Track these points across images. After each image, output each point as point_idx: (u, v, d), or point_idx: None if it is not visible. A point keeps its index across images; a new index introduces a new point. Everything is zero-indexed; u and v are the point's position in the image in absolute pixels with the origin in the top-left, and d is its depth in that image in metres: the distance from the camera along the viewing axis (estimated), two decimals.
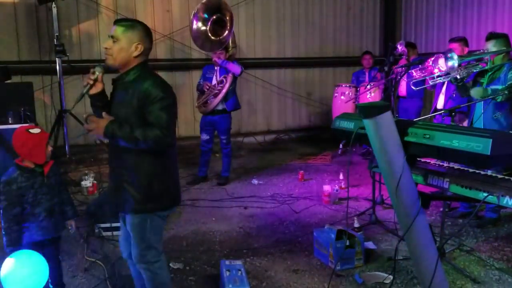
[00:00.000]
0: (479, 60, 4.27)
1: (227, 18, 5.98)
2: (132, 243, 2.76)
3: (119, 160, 2.66)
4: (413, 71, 4.64)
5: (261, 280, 3.57)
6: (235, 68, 5.93)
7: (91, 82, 2.64)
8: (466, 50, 4.88)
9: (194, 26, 6.10)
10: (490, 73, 4.28)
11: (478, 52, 4.41)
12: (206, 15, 6.07)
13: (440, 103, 5.25)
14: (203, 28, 6.11)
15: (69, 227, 3.22)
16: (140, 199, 2.63)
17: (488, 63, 4.21)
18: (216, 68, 6.05)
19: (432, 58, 4.30)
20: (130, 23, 2.67)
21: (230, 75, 5.94)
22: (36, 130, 2.91)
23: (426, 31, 9.33)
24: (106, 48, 2.62)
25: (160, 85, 2.60)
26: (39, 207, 2.92)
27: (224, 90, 5.91)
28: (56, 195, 3.04)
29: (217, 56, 5.99)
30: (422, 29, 9.46)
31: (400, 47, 6.90)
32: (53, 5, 7.15)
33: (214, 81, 6.03)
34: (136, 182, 2.63)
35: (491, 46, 4.20)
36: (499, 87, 4.09)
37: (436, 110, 5.39)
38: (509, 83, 4.04)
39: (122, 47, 2.60)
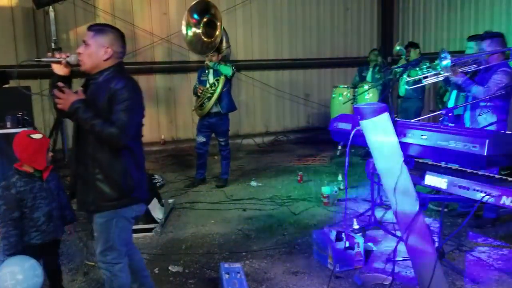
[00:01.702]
0: (474, 60, 4.30)
1: (217, 18, 5.98)
2: (96, 241, 2.78)
3: (91, 157, 2.66)
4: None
5: (261, 283, 3.56)
6: (227, 70, 5.94)
7: (58, 57, 2.67)
8: None
9: (190, 32, 6.10)
10: (481, 72, 4.33)
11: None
12: (197, 17, 6.07)
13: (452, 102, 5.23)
14: (197, 31, 6.11)
15: (68, 232, 3.22)
16: (114, 196, 2.67)
17: (483, 63, 4.25)
18: (209, 70, 6.06)
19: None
20: (100, 27, 2.72)
21: (223, 77, 5.94)
22: (37, 136, 2.92)
23: (423, 31, 9.35)
24: (78, 53, 2.67)
25: (128, 87, 2.63)
26: (38, 212, 2.91)
27: (217, 92, 5.92)
28: (55, 200, 3.04)
29: (209, 59, 6.01)
30: (419, 30, 9.47)
31: (398, 47, 6.93)
32: (51, 9, 7.17)
33: (208, 84, 6.04)
34: (110, 178, 2.65)
35: (486, 46, 4.23)
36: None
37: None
38: (488, 84, 4.12)
39: (91, 52, 2.66)
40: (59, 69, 2.70)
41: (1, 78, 6.23)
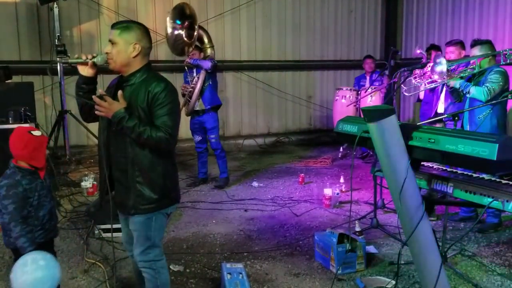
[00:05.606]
0: (468, 65, 4.43)
1: (194, 21, 5.94)
2: (135, 242, 2.76)
3: (130, 161, 2.64)
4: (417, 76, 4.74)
5: (262, 284, 3.55)
6: (206, 63, 5.90)
7: (84, 58, 2.63)
8: (463, 53, 5.11)
9: (176, 32, 6.01)
10: (476, 77, 4.45)
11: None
12: (178, 22, 6.00)
13: (441, 107, 5.29)
14: (181, 32, 6.01)
15: None
16: (155, 197, 2.67)
17: (476, 67, 4.37)
18: (193, 70, 6.05)
19: (431, 64, 4.44)
20: (125, 24, 2.68)
21: (203, 72, 5.93)
22: (37, 133, 2.84)
23: (427, 35, 9.33)
24: (106, 53, 2.64)
25: (168, 90, 2.63)
26: (43, 210, 2.87)
27: (197, 87, 5.90)
28: (53, 198, 3.00)
29: (190, 58, 6.01)
30: (423, 33, 9.46)
31: (418, 51, 6.93)
32: (55, 5, 7.15)
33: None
34: (151, 181, 2.65)
35: (477, 52, 4.38)
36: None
37: (436, 114, 5.43)
38: (486, 84, 4.25)
39: (120, 50, 2.61)
40: (84, 70, 2.66)
41: (4, 73, 6.22)
